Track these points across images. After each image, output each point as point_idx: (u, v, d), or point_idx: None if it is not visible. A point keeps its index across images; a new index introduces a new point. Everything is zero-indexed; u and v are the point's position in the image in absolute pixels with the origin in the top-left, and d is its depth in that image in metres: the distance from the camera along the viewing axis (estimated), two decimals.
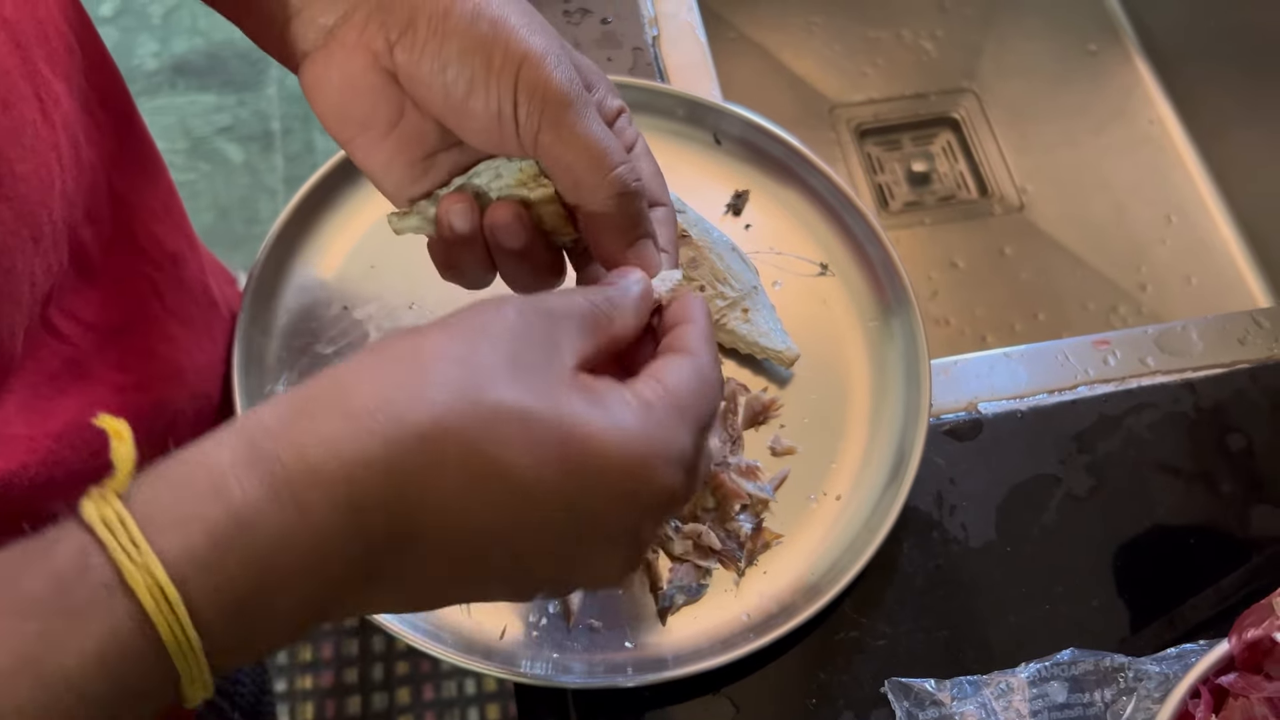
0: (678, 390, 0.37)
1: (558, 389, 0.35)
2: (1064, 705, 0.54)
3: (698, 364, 0.39)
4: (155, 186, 0.55)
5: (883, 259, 0.67)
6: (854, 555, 0.59)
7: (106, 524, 0.30)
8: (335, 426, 0.32)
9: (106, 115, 0.49)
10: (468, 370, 0.34)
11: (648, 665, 0.57)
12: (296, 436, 0.32)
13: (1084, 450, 0.65)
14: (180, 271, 0.56)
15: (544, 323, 0.36)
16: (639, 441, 0.35)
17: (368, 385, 0.33)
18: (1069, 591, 0.61)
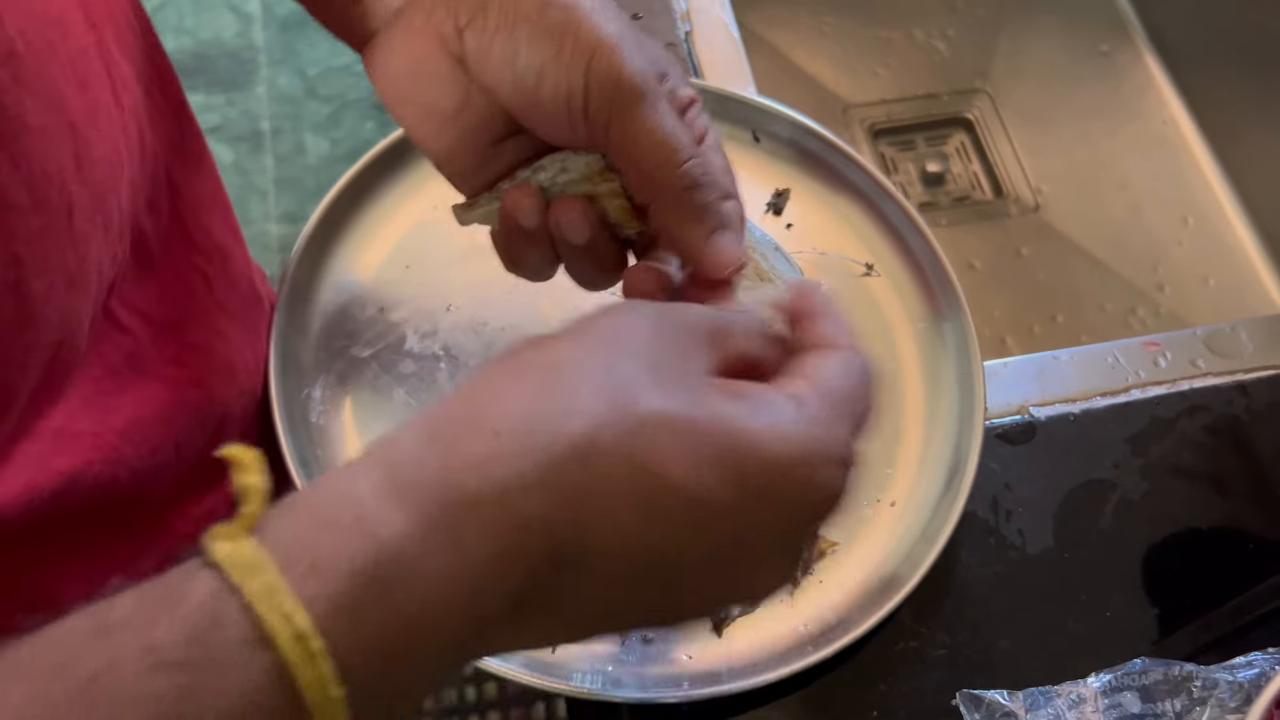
0: (828, 383, 0.35)
1: (705, 393, 0.32)
2: (1137, 716, 0.53)
3: (848, 356, 0.37)
4: (205, 177, 0.53)
5: (929, 256, 0.65)
6: (913, 564, 0.57)
7: (240, 567, 0.27)
8: (483, 447, 0.30)
9: (166, 101, 0.47)
10: (612, 379, 0.31)
11: (703, 679, 0.55)
12: (442, 461, 0.29)
13: (1138, 454, 0.64)
14: (228, 265, 0.54)
15: (675, 331, 0.34)
16: (799, 440, 0.32)
17: (509, 401, 0.31)
18: (1127, 599, 0.60)
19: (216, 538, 0.28)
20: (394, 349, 0.61)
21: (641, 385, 0.32)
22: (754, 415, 0.32)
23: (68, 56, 0.36)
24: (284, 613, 0.27)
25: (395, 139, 0.65)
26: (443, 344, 0.62)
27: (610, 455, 0.30)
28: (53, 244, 0.35)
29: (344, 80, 1.71)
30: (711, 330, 0.35)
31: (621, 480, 0.30)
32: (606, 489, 0.30)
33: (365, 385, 0.60)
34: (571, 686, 0.54)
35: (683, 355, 0.34)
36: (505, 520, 0.29)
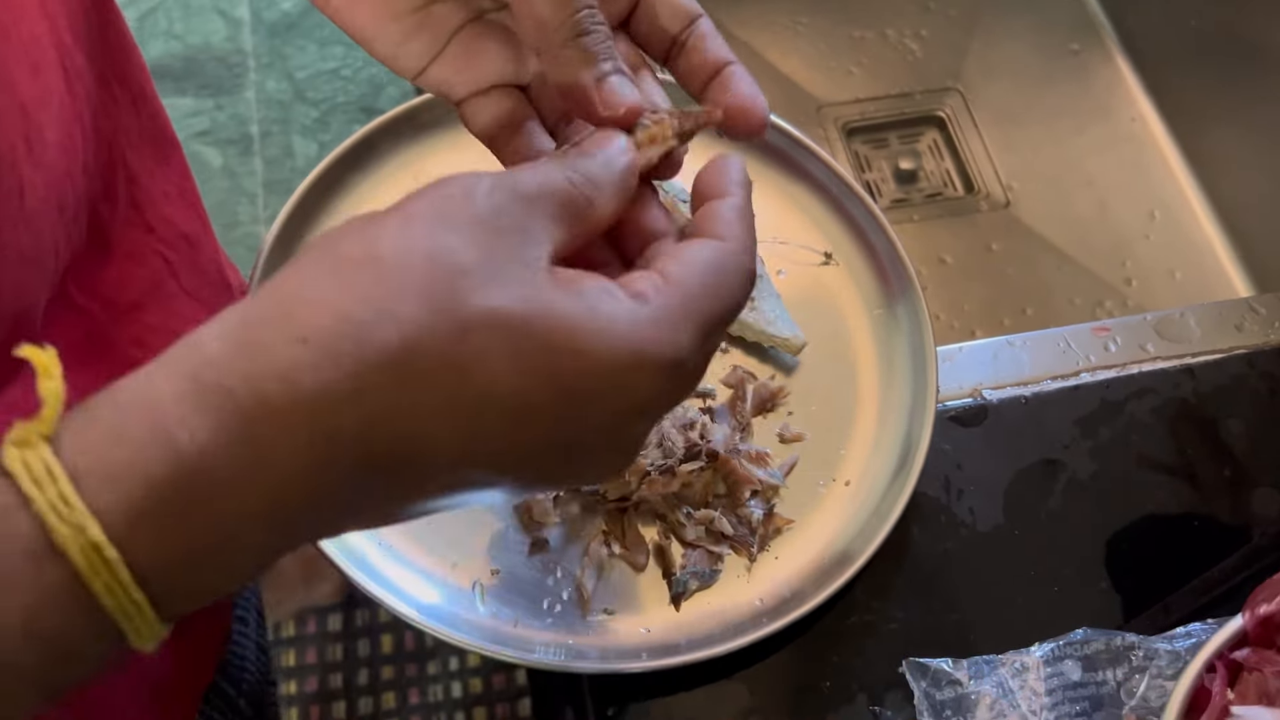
0: (683, 282, 0.33)
1: (536, 287, 0.30)
2: (1078, 684, 0.55)
3: (717, 250, 0.34)
4: (169, 168, 0.55)
5: (886, 247, 0.67)
6: (865, 540, 0.59)
7: (33, 476, 0.27)
8: (291, 355, 0.28)
9: (123, 91, 0.48)
10: (436, 272, 0.29)
11: (662, 650, 0.57)
12: (248, 369, 0.28)
13: (1087, 435, 0.66)
14: (195, 253, 0.56)
15: (516, 207, 0.32)
16: (628, 343, 0.31)
17: (321, 302, 0.29)
18: (1075, 574, 0.62)
19: (12, 442, 0.27)
20: None
21: (470, 280, 0.30)
22: (587, 315, 0.31)
23: (19, 41, 0.37)
24: (76, 524, 0.27)
25: (364, 134, 0.67)
26: None
27: (425, 363, 0.29)
28: (5, 221, 0.37)
29: (332, 84, 1.73)
30: (561, 202, 0.33)
31: (432, 388, 0.29)
32: (424, 401, 0.29)
33: None
34: (533, 659, 0.56)
35: (524, 233, 0.31)
36: (313, 433, 0.28)
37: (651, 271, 0.34)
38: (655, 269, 0.34)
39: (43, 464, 0.27)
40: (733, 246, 0.35)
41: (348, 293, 0.29)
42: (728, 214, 0.36)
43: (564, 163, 0.34)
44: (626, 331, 0.31)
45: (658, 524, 0.60)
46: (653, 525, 0.60)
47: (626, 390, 0.31)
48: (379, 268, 0.29)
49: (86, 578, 0.27)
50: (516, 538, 0.60)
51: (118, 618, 0.28)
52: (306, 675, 1.40)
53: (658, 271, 0.33)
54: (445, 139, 0.68)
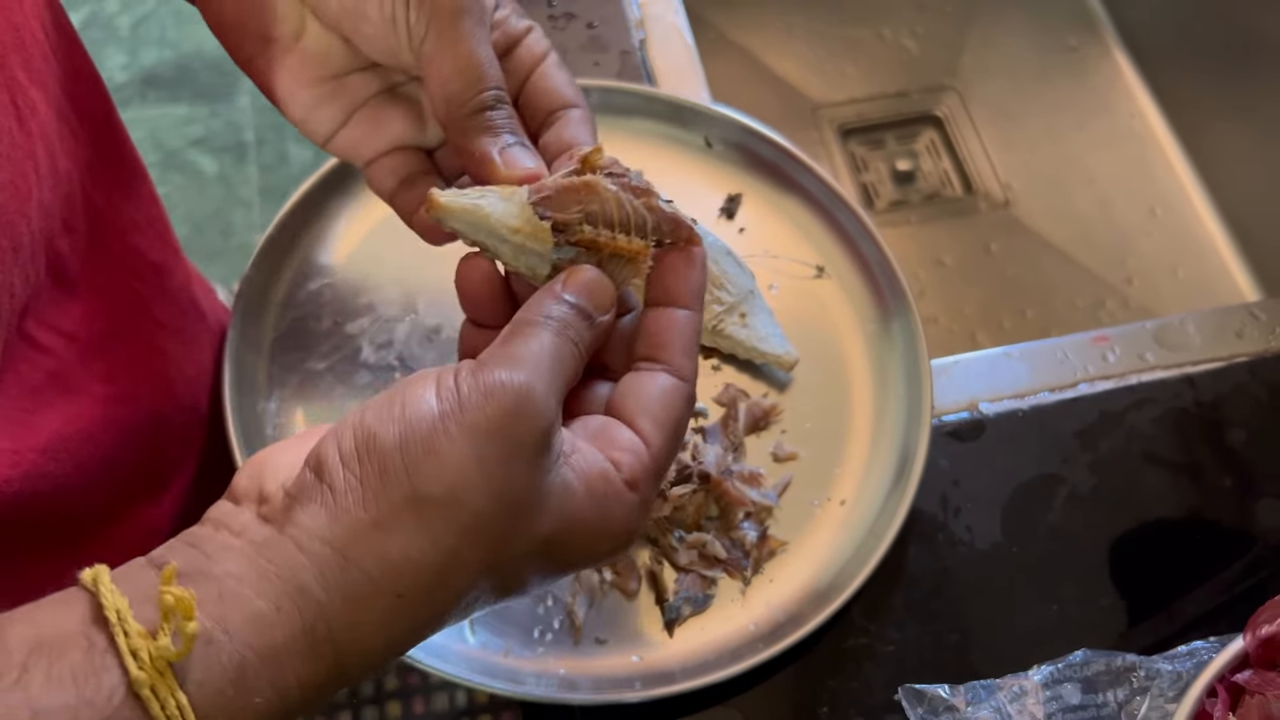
0: (659, 451, 0.38)
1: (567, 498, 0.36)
2: (1078, 707, 0.54)
3: (683, 396, 0.39)
4: (137, 198, 0.54)
5: (878, 260, 0.66)
6: (861, 561, 0.58)
7: (166, 713, 0.29)
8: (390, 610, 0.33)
9: (84, 125, 0.48)
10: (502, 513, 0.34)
11: (655, 679, 0.56)
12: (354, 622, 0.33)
13: (1086, 448, 0.65)
14: (165, 283, 0.55)
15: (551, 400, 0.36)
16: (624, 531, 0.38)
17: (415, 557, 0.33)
18: (1076, 590, 0.61)
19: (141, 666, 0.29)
20: (350, 360, 0.63)
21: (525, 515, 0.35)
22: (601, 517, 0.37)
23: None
24: None
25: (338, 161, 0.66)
26: (398, 354, 0.63)
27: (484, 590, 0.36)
28: None
29: None
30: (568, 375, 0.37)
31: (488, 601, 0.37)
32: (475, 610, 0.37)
33: (320, 397, 0.61)
34: (524, 691, 0.55)
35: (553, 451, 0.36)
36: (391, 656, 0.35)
37: (637, 439, 0.38)
38: (638, 429, 0.38)
39: (174, 702, 0.29)
40: (690, 387, 0.40)
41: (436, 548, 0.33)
42: (689, 338, 0.40)
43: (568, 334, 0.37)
44: (622, 521, 0.37)
45: (649, 548, 0.60)
46: (644, 550, 0.60)
47: (607, 549, 0.38)
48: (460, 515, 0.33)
49: None
50: None
51: None
52: None
53: (640, 435, 0.38)
54: None
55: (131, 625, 0.30)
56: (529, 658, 0.56)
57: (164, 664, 0.29)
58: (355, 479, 0.33)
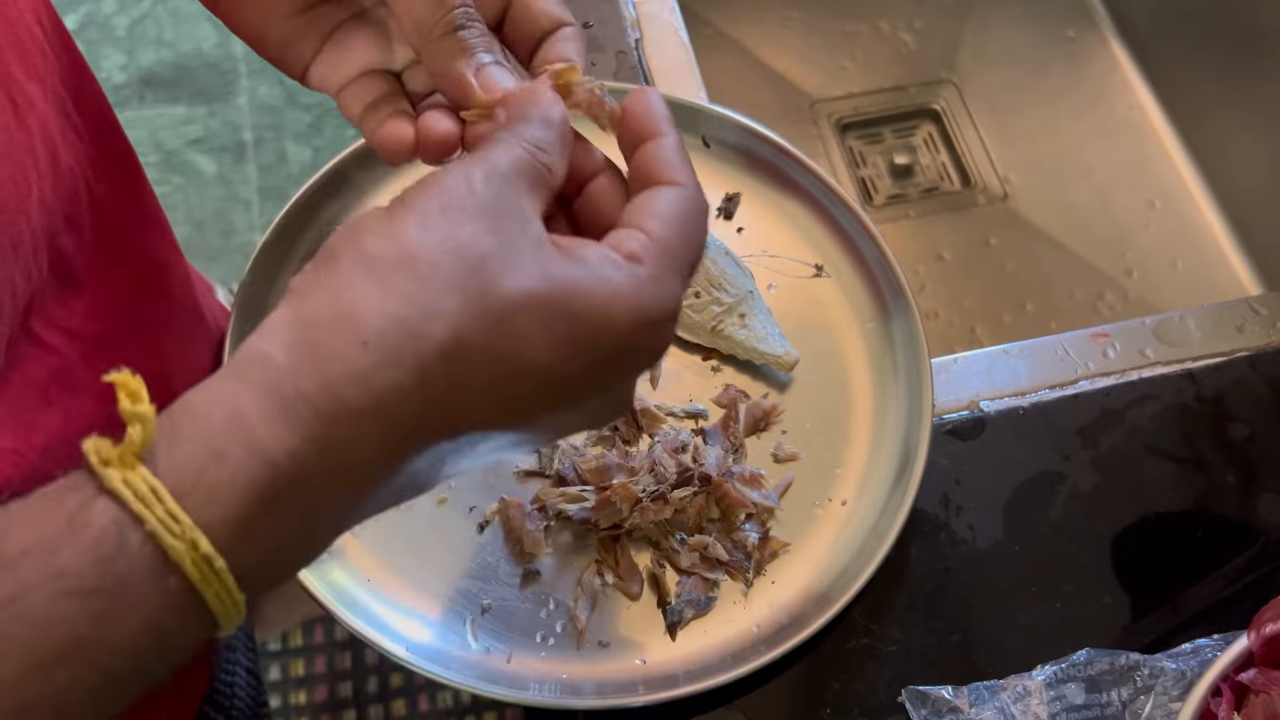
0: (664, 237, 0.36)
1: (548, 262, 0.34)
2: (1082, 706, 0.54)
3: (683, 198, 0.37)
4: (137, 195, 0.53)
5: (877, 258, 0.66)
6: (863, 561, 0.58)
7: (139, 496, 0.29)
8: (358, 358, 0.31)
9: (84, 120, 0.48)
10: (464, 265, 0.32)
11: (658, 683, 0.56)
12: (323, 375, 0.31)
13: (1087, 445, 0.65)
14: (166, 281, 0.55)
15: (506, 189, 0.35)
16: (640, 305, 0.34)
17: (374, 305, 0.32)
18: (1079, 588, 0.61)
19: (108, 463, 0.29)
20: None
21: (494, 266, 0.33)
22: (600, 284, 0.34)
23: None
24: (188, 540, 0.29)
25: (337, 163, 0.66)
26: None
27: (473, 352, 0.32)
28: None
29: None
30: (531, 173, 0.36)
31: (486, 373, 0.33)
32: (475, 384, 0.32)
33: None
34: (528, 697, 0.55)
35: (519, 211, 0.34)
36: (385, 429, 0.31)
37: (635, 230, 0.36)
38: (636, 226, 0.36)
39: (146, 484, 0.29)
40: (691, 190, 0.38)
41: (393, 294, 0.32)
42: (673, 157, 0.38)
43: (514, 135, 0.37)
44: (633, 293, 0.34)
45: (651, 551, 0.60)
46: (646, 553, 0.60)
47: (638, 345, 0.35)
48: (414, 267, 0.32)
49: (199, 587, 0.30)
50: (508, 570, 0.59)
51: (219, 615, 0.31)
52: (315, 684, 1.40)
53: (639, 229, 0.36)
54: None
55: (101, 443, 0.30)
56: (532, 662, 0.56)
57: (131, 457, 0.29)
58: (309, 273, 0.33)
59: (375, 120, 0.43)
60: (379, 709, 1.39)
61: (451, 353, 0.32)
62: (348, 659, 1.41)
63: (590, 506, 0.59)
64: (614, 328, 0.34)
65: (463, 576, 0.58)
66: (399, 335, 0.31)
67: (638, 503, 0.58)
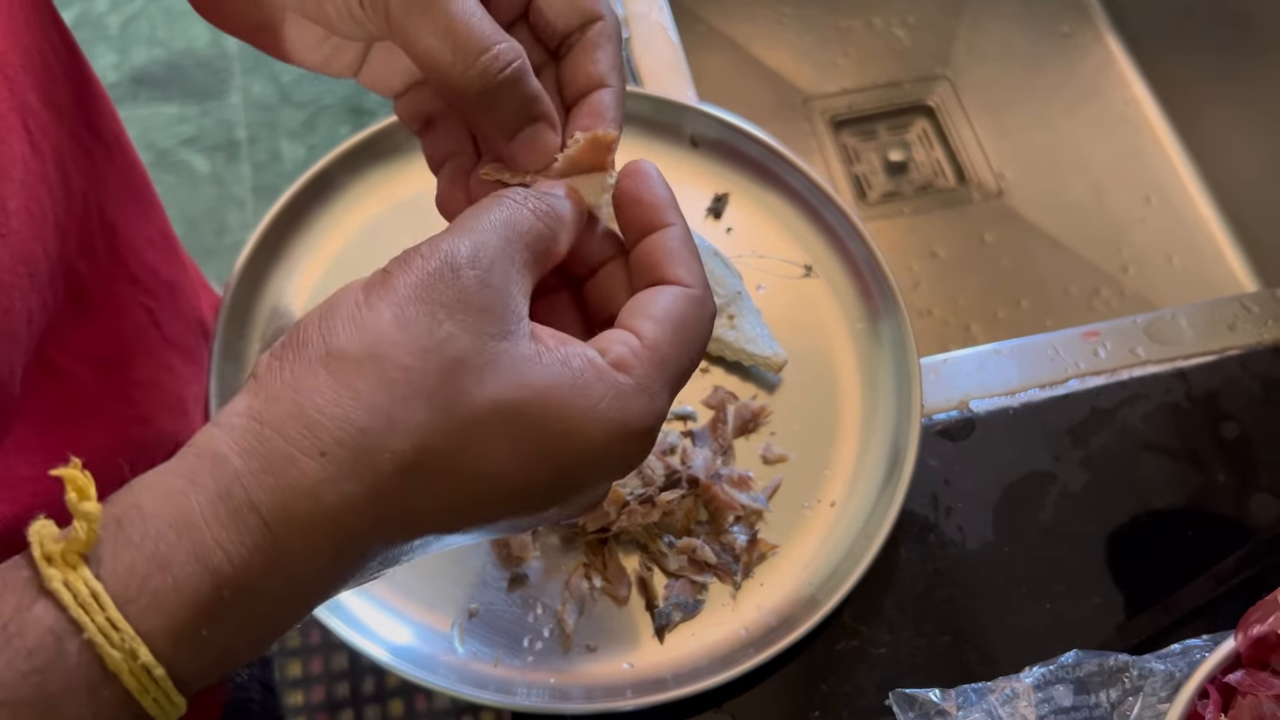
0: (658, 344, 0.34)
1: (524, 366, 0.32)
2: (1070, 708, 0.54)
3: (684, 300, 0.35)
4: (148, 214, 0.53)
5: (866, 258, 0.66)
6: (852, 563, 0.58)
7: (79, 600, 0.28)
8: (313, 470, 0.30)
9: (95, 143, 0.47)
10: (436, 370, 0.31)
11: (647, 687, 0.56)
12: (275, 485, 0.30)
13: (1078, 445, 0.64)
14: (177, 300, 0.55)
15: (496, 270, 0.33)
16: (617, 425, 0.33)
17: (338, 411, 0.30)
18: (1069, 589, 0.60)
19: (50, 559, 0.28)
20: None
21: (467, 374, 0.31)
22: (579, 395, 0.32)
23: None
24: (127, 649, 0.28)
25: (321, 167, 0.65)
26: None
27: (437, 463, 0.31)
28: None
29: (318, 85, 1.72)
30: (533, 242, 0.34)
31: (447, 484, 0.31)
32: (435, 495, 0.31)
33: None
34: (515, 702, 0.55)
35: (505, 303, 0.32)
36: (336, 541, 0.31)
37: (627, 333, 0.34)
38: (630, 328, 0.34)
39: (87, 589, 0.28)
40: (696, 292, 0.36)
41: (356, 402, 0.30)
42: (679, 250, 0.36)
43: (522, 199, 0.35)
44: (614, 407, 0.33)
45: (639, 554, 0.59)
46: (634, 556, 0.59)
47: (613, 458, 0.34)
48: (381, 370, 0.31)
49: (137, 695, 0.29)
50: (495, 574, 0.59)
51: (157, 717, 0.30)
52: (313, 685, 1.40)
53: (633, 331, 0.34)
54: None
55: (47, 532, 0.29)
56: (519, 667, 0.56)
57: (74, 556, 0.28)
58: (276, 359, 0.32)
59: (434, 146, 0.42)
60: (375, 709, 1.39)
61: (411, 466, 0.31)
62: (344, 659, 1.41)
63: None
64: (588, 442, 0.33)
65: (449, 581, 0.58)
66: (357, 448, 0.30)
67: (625, 506, 0.58)
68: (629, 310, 0.35)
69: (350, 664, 1.40)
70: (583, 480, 0.34)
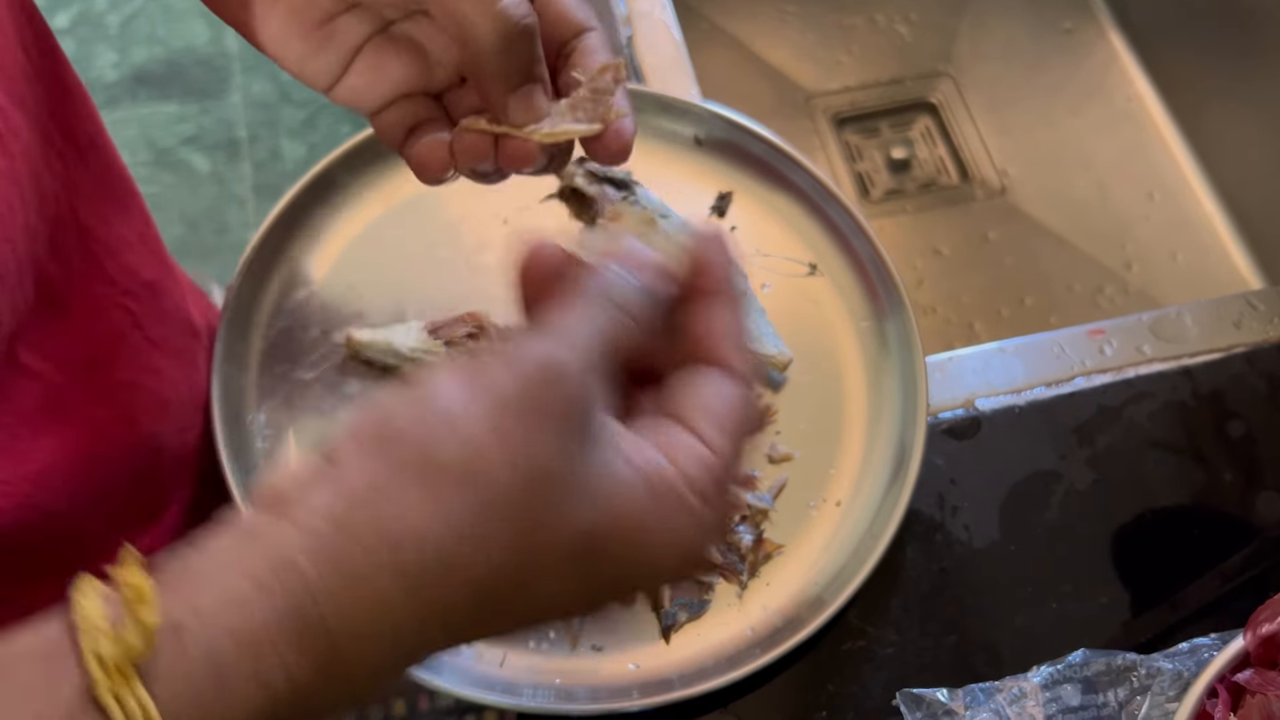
0: (727, 456, 0.33)
1: (612, 485, 0.31)
2: (1078, 708, 0.53)
3: (744, 400, 0.34)
4: (128, 215, 0.53)
5: (871, 256, 0.66)
6: (858, 563, 0.58)
7: (127, 713, 0.26)
8: (388, 591, 0.29)
9: (69, 145, 0.47)
10: (527, 487, 0.30)
11: (653, 687, 0.55)
12: (348, 604, 0.28)
13: (1084, 443, 0.64)
14: (159, 301, 0.54)
15: (586, 378, 0.32)
16: (689, 548, 0.33)
17: (421, 529, 0.29)
18: (1076, 588, 0.60)
19: (102, 669, 0.26)
20: (337, 369, 0.62)
21: (554, 492, 0.30)
22: (660, 523, 0.32)
23: None
24: None
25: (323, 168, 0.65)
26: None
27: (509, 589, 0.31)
28: None
29: None
30: (617, 346, 0.33)
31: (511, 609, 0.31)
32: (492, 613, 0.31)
33: (310, 408, 0.61)
34: (521, 703, 0.54)
35: (594, 411, 0.32)
36: (397, 657, 0.30)
37: (696, 440, 0.33)
38: (697, 432, 0.33)
39: (139, 708, 0.26)
40: (747, 388, 0.35)
41: (445, 521, 0.29)
42: (738, 335, 0.36)
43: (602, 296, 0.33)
44: (687, 534, 0.33)
45: None
46: None
47: (669, 573, 0.34)
48: (475, 487, 0.30)
49: None
50: None
51: None
52: None
53: (700, 438, 0.33)
54: None
55: (99, 623, 0.26)
56: (524, 667, 0.56)
57: (126, 663, 0.26)
58: (360, 448, 0.30)
59: (419, 149, 0.42)
60: (378, 708, 1.39)
61: (482, 588, 0.30)
62: None
63: None
64: (655, 565, 0.33)
65: None
66: (437, 569, 0.29)
67: None
68: (691, 400, 0.34)
69: None
70: (642, 586, 0.35)
